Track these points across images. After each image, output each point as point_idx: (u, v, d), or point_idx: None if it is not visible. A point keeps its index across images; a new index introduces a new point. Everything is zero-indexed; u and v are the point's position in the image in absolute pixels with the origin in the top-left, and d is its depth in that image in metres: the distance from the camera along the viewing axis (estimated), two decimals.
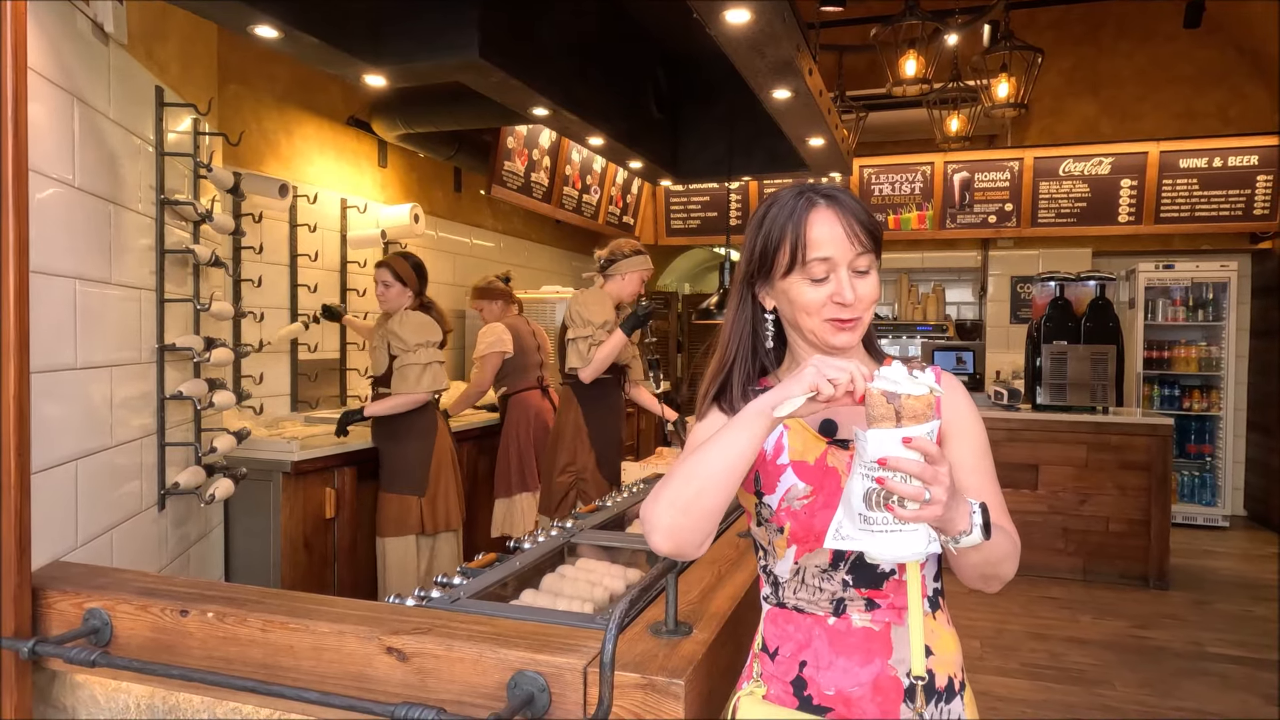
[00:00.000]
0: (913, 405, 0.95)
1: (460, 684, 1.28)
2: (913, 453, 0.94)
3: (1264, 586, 4.85)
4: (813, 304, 1.14)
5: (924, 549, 0.99)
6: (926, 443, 0.95)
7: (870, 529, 0.98)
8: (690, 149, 4.13)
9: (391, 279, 3.37)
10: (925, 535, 0.98)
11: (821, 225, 1.14)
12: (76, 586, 1.56)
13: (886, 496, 0.96)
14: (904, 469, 0.94)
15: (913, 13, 3.93)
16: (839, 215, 1.14)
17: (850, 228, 1.14)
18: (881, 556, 1.01)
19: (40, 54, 1.75)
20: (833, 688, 1.13)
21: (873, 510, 0.97)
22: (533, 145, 5.21)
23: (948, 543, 1.02)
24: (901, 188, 6.79)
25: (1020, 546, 1.16)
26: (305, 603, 1.48)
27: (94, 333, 2.00)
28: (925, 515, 0.95)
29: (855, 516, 0.99)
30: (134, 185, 2.27)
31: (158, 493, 2.42)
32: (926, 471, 0.94)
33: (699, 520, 1.08)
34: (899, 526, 0.97)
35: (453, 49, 2.37)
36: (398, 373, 3.33)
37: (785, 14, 2.03)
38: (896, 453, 0.94)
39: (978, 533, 1.01)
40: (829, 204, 1.16)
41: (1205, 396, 6.42)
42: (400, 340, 3.32)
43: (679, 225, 7.40)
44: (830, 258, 1.13)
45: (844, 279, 1.13)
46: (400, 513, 3.35)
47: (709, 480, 1.06)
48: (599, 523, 2.21)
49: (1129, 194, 6.33)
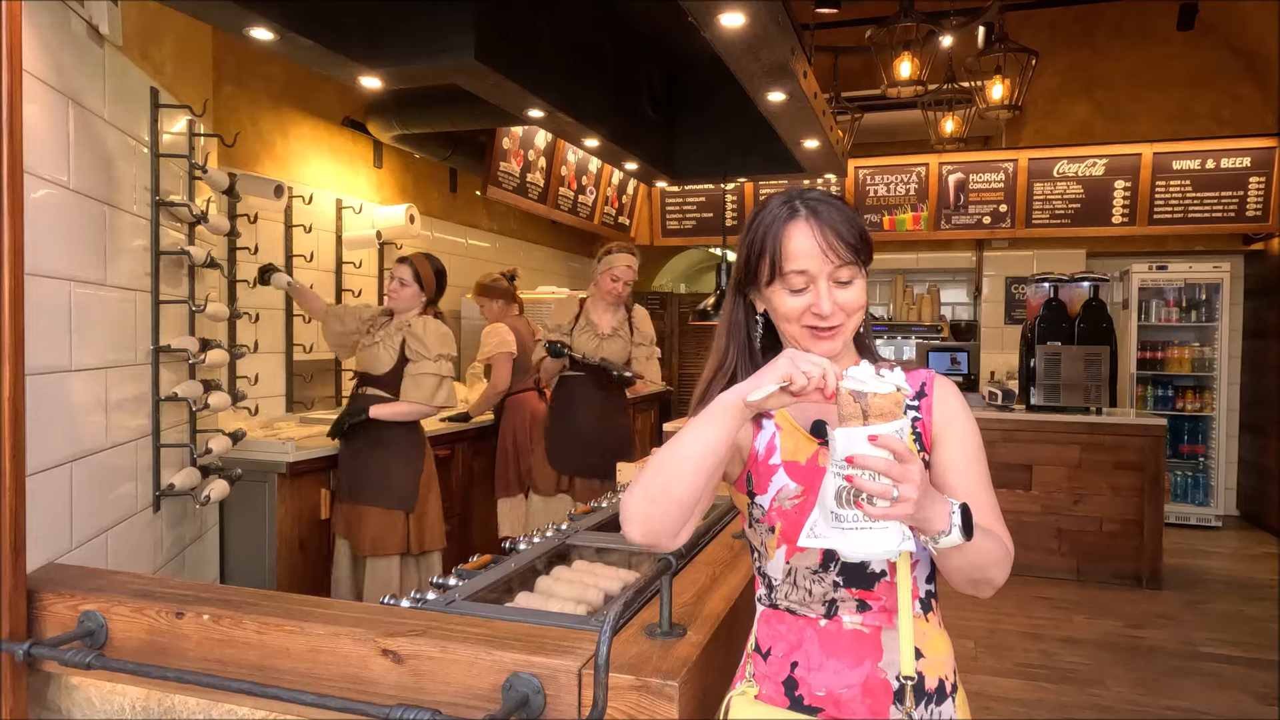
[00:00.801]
0: (879, 404, 0.96)
1: (455, 686, 1.28)
2: (880, 450, 0.95)
3: (1257, 586, 4.88)
4: (792, 313, 1.16)
5: (896, 547, 0.99)
6: (894, 440, 0.95)
7: (841, 527, 0.99)
8: (686, 150, 4.14)
9: (410, 278, 3.18)
10: (898, 533, 0.99)
11: (799, 238, 1.15)
12: (72, 589, 1.56)
13: (856, 494, 0.97)
14: (871, 466, 0.95)
15: (908, 14, 3.94)
16: (817, 228, 1.14)
17: (827, 241, 1.14)
18: (853, 554, 1.01)
19: (35, 56, 1.75)
20: (823, 688, 1.14)
21: (843, 508, 0.98)
22: (528, 146, 5.21)
23: (927, 542, 1.03)
24: (896, 189, 6.81)
25: (1013, 552, 1.15)
26: (300, 604, 1.48)
27: (89, 334, 2.00)
28: (895, 513, 0.96)
29: (828, 515, 1.00)
30: (129, 187, 2.27)
31: (153, 494, 2.42)
32: (895, 469, 0.95)
33: (668, 509, 1.08)
34: (869, 524, 0.98)
35: (448, 51, 2.37)
36: (411, 379, 3.11)
37: (779, 17, 2.04)
38: (864, 450, 0.95)
39: (956, 533, 1.01)
40: (809, 217, 1.16)
41: (1198, 397, 6.45)
42: (423, 346, 3.12)
43: (674, 226, 7.41)
44: (807, 270, 1.14)
45: (822, 290, 1.14)
46: (384, 529, 3.11)
47: (677, 470, 1.07)
48: (594, 524, 2.22)
49: (1123, 195, 6.35)
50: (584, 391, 3.77)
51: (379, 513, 3.12)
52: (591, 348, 3.74)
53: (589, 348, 3.74)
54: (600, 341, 3.76)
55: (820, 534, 1.01)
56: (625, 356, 3.82)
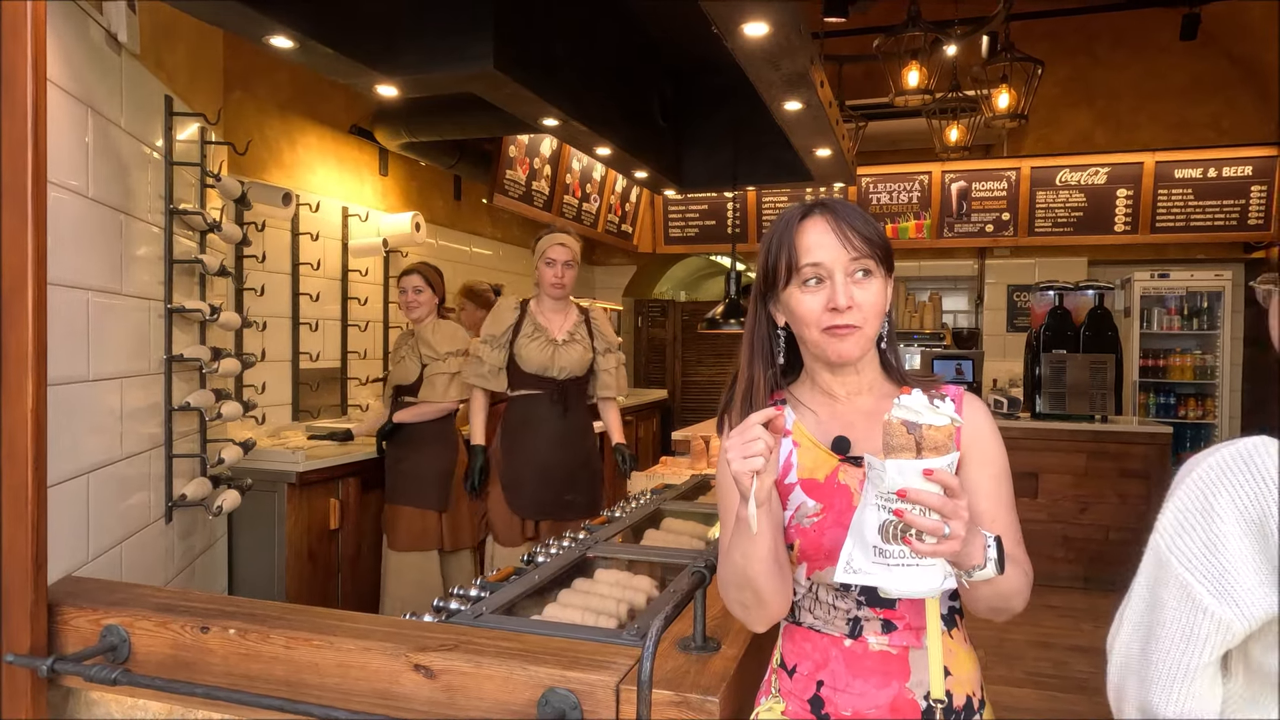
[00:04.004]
0: (934, 436, 0.92)
1: (489, 701, 1.27)
2: (933, 485, 0.92)
3: None
4: (810, 313, 1.14)
5: (939, 585, 0.96)
6: (947, 475, 0.92)
7: (886, 562, 0.95)
8: (694, 158, 4.14)
9: (423, 284, 3.37)
10: (941, 571, 0.96)
11: (813, 232, 1.15)
12: (93, 603, 1.54)
13: (904, 530, 0.93)
14: (924, 502, 0.91)
15: (915, 24, 3.95)
16: (831, 221, 1.14)
17: (842, 233, 1.13)
18: (897, 591, 0.97)
19: (56, 65, 1.74)
20: (849, 709, 1.12)
21: (889, 543, 0.94)
22: (534, 154, 5.20)
23: (961, 576, 1.00)
24: (899, 197, 6.82)
25: (1033, 577, 1.13)
26: (328, 619, 1.46)
27: (105, 344, 1.99)
28: (943, 550, 0.93)
29: (869, 549, 0.95)
30: (144, 195, 2.25)
31: (165, 505, 2.40)
32: (946, 505, 0.92)
33: (771, 600, 1.11)
34: (915, 561, 0.94)
35: (467, 60, 2.36)
36: (427, 381, 3.31)
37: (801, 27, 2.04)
38: (917, 485, 0.92)
39: (991, 567, 0.99)
40: (822, 212, 1.16)
41: (1200, 404, 6.46)
42: (431, 349, 3.31)
43: (677, 234, 7.41)
44: (821, 263, 1.13)
45: (839, 283, 1.12)
46: (420, 527, 3.29)
47: (749, 579, 1.09)
48: (613, 534, 2.20)
49: (1125, 204, 6.37)
50: (540, 412, 3.10)
51: (412, 512, 3.30)
52: (545, 357, 3.08)
53: (542, 358, 3.08)
54: (555, 349, 3.10)
55: (860, 569, 0.96)
56: (586, 366, 3.17)
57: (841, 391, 1.20)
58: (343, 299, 4.39)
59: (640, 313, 7.98)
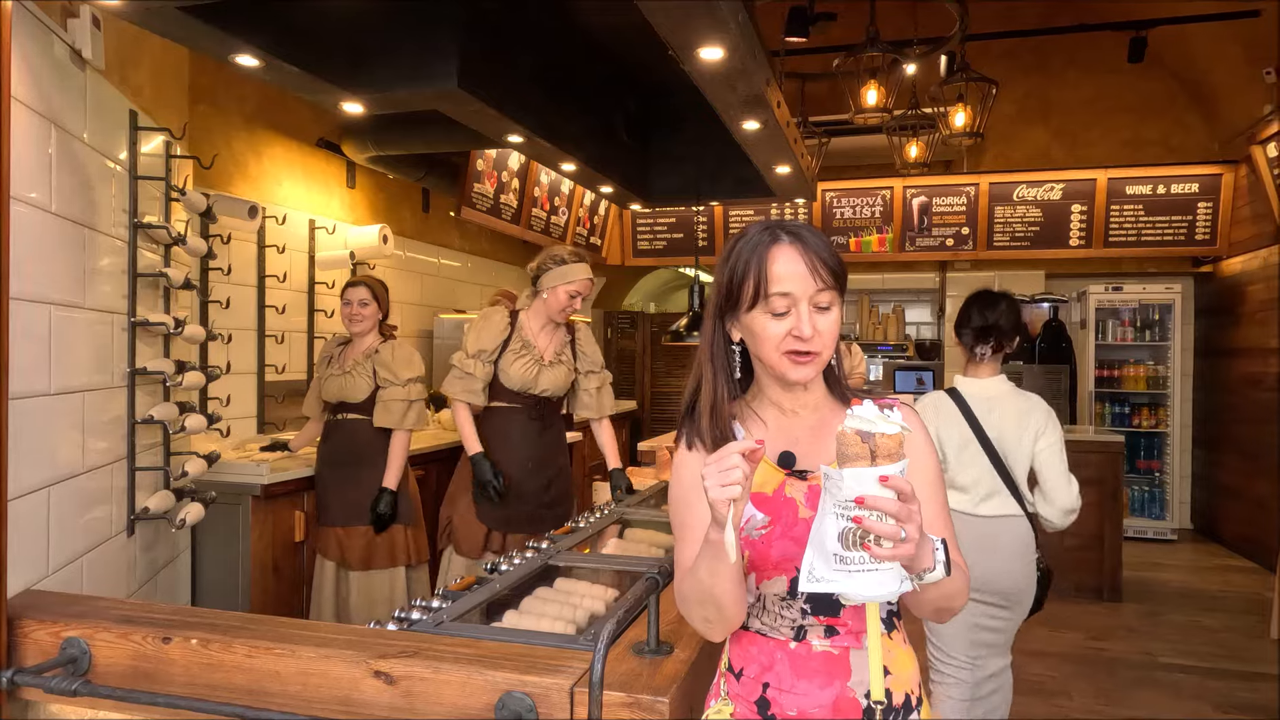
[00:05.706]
0: (887, 444, 0.97)
1: (448, 706, 1.30)
2: (889, 491, 0.97)
3: (1211, 598, 5.03)
4: (773, 338, 1.18)
5: (897, 588, 1.01)
6: (901, 481, 0.97)
7: (847, 569, 0.99)
8: (659, 173, 4.20)
9: (369, 297, 3.29)
10: (898, 574, 1.00)
11: (784, 261, 1.18)
12: (53, 615, 1.55)
13: (863, 536, 0.97)
14: (881, 508, 0.96)
15: (874, 44, 4.06)
16: (802, 252, 1.18)
17: (812, 264, 1.17)
18: (859, 597, 1.01)
19: (19, 79, 1.76)
20: (794, 708, 1.17)
21: (849, 550, 0.98)
22: (502, 167, 5.25)
23: (913, 580, 1.05)
24: (862, 211, 6.96)
25: (970, 578, 1.21)
26: (289, 628, 1.49)
27: (67, 358, 1.99)
28: (900, 553, 0.98)
29: (829, 557, 0.99)
30: (107, 209, 2.26)
31: (127, 518, 2.40)
32: (902, 510, 0.97)
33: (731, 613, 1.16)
34: (875, 566, 0.98)
35: (432, 79, 2.41)
36: (381, 404, 3.19)
37: (756, 51, 2.11)
38: (874, 491, 0.96)
39: (940, 569, 1.04)
40: (793, 241, 1.19)
41: (1153, 414, 6.65)
42: (391, 373, 3.20)
43: (645, 246, 7.49)
44: (791, 293, 1.17)
45: (804, 313, 1.17)
46: (391, 543, 3.24)
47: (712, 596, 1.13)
48: (576, 544, 2.24)
49: (1079, 219, 6.56)
50: (516, 425, 3.08)
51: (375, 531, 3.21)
52: (529, 377, 3.06)
53: (526, 377, 3.05)
54: (540, 370, 3.08)
55: (822, 576, 1.01)
56: (566, 387, 3.17)
57: (790, 405, 1.26)
58: (309, 311, 4.39)
59: (610, 324, 8.03)
